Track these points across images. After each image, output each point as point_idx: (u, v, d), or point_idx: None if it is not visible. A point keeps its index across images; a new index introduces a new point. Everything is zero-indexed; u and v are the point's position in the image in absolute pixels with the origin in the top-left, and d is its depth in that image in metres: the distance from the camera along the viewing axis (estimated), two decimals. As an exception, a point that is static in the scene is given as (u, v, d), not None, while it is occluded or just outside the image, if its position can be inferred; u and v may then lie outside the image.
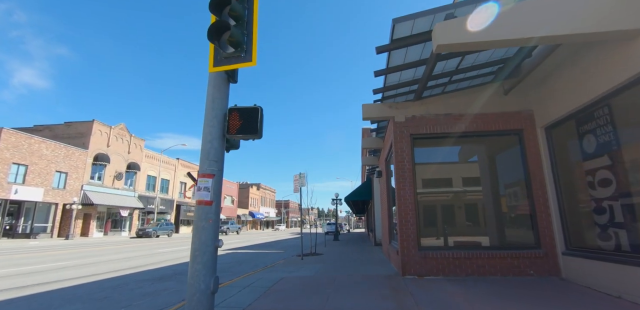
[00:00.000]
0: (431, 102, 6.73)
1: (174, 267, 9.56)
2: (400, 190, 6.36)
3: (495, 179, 6.59)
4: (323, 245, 17.14)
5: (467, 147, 6.92)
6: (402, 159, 6.49)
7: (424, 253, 6.02)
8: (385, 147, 9.13)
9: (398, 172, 6.45)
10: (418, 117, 6.70)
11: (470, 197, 6.66)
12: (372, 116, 6.81)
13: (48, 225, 28.07)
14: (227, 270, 8.87)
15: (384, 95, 6.62)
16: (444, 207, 6.55)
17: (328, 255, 11.58)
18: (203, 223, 3.70)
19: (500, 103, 6.53)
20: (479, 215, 6.48)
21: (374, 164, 12.15)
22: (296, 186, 10.58)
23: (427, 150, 6.83)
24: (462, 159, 6.96)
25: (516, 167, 6.41)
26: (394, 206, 8.80)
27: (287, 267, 8.56)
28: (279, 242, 22.44)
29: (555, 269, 5.76)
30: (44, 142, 27.61)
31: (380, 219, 15.38)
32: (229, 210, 59.12)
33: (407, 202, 6.29)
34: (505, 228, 6.35)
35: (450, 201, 6.63)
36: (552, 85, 5.78)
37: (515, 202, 6.37)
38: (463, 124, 6.51)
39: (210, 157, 3.86)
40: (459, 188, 6.73)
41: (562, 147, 5.91)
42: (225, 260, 11.29)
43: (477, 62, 5.96)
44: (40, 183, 26.99)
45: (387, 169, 9.43)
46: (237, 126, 3.97)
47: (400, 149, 6.54)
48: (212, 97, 4.04)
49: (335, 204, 23.16)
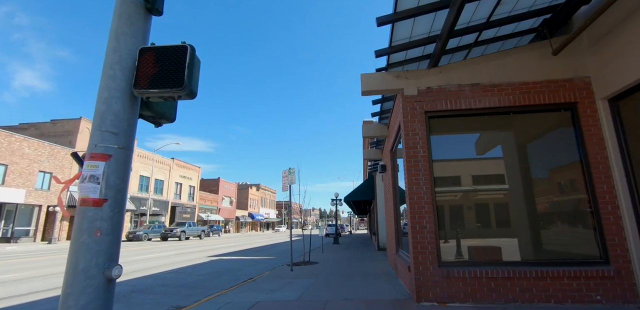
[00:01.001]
0: (452, 69, 5.11)
1: (137, 281, 7.95)
2: (413, 185, 4.74)
3: (528, 172, 4.92)
4: (320, 250, 15.51)
5: (487, 136, 5.19)
6: (414, 144, 4.87)
7: (446, 271, 4.40)
8: (390, 133, 7.51)
9: (409, 162, 4.83)
10: (435, 89, 5.08)
11: (499, 195, 5.01)
12: (374, 89, 5.20)
13: (31, 228, 26.52)
14: (197, 285, 7.26)
15: (389, 60, 5.01)
16: (471, 209, 4.91)
17: (324, 264, 9.95)
18: (85, 237, 2.11)
19: (546, 68, 4.91)
20: (519, 220, 4.83)
21: (377, 158, 10.53)
22: (285, 184, 8.97)
23: (445, 139, 5.18)
24: (481, 150, 5.24)
25: (560, 154, 4.78)
26: (402, 206, 7.16)
27: (270, 282, 6.95)
28: (275, 246, 20.82)
29: (631, 294, 4.13)
30: (26, 140, 26.10)
31: (384, 221, 13.74)
32: (227, 211, 57.53)
33: (422, 202, 4.67)
34: (555, 236, 4.71)
35: (478, 200, 4.99)
36: (619, 42, 4.16)
37: (564, 202, 4.73)
38: (495, 98, 4.89)
39: (106, 126, 2.26)
40: (488, 185, 5.09)
41: (635, 125, 4.29)
42: (202, 270, 9.68)
43: (515, 10, 4.35)
44: (22, 184, 25.47)
45: (392, 162, 7.81)
46: (150, 74, 2.37)
47: (411, 131, 4.92)
48: (116, 33, 2.44)
49: (335, 205, 21.52)
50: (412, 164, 4.81)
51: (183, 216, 45.30)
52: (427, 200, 4.66)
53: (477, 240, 4.80)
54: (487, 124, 5.14)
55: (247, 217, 65.00)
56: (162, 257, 14.04)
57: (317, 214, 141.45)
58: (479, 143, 5.20)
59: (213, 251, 17.22)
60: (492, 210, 4.89)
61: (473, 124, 5.16)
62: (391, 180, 7.84)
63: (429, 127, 4.99)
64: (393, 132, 6.77)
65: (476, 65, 5.08)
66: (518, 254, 4.63)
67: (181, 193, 45.62)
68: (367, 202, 21.05)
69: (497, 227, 4.84)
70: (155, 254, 15.61)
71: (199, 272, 9.30)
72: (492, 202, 4.92)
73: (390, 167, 7.90)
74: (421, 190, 4.70)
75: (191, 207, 47.25)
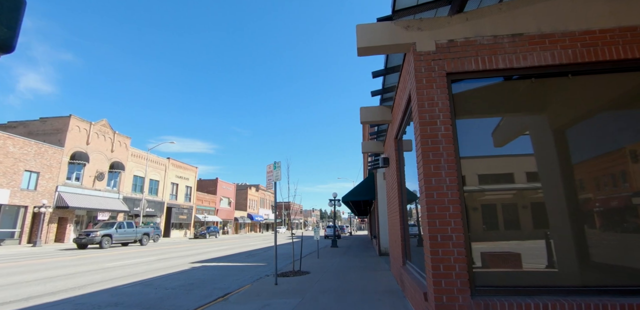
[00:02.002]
0: (484, 15, 3.67)
1: (87, 298, 6.53)
2: (431, 177, 3.30)
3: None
4: (316, 255, 14.05)
5: (510, 121, 3.65)
6: (432, 118, 3.43)
7: (484, 301, 2.95)
8: (395, 117, 6.05)
9: (425, 144, 3.39)
10: (460, 42, 3.63)
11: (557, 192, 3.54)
12: (375, 44, 3.75)
13: (16, 230, 25.21)
14: (156, 304, 5.83)
15: (396, 5, 3.59)
16: (518, 211, 3.45)
17: (316, 274, 8.51)
18: None
19: (619, 12, 3.46)
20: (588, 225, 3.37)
21: (378, 151, 9.08)
22: (269, 181, 7.54)
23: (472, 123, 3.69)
24: (501, 140, 3.62)
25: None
26: (410, 206, 5.72)
27: (243, 303, 5.51)
28: (269, 250, 19.36)
29: None
30: (11, 138, 24.83)
31: (386, 223, 12.29)
32: (225, 212, 56.14)
33: (445, 201, 3.23)
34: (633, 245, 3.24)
35: (533, 199, 3.52)
36: None
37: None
38: (547, 53, 3.44)
39: None
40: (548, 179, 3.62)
41: None
42: (174, 282, 8.25)
43: None
44: (6, 184, 24.18)
45: (397, 153, 6.36)
46: None
47: (428, 100, 3.48)
48: None
49: (334, 205, 20.05)
50: (429, 146, 3.37)
51: (179, 217, 43.98)
52: (452, 198, 3.21)
53: (531, 258, 3.34)
54: (531, 94, 3.68)
55: (246, 218, 63.58)
56: (140, 263, 12.62)
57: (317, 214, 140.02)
58: (499, 131, 3.69)
59: (200, 256, 15.80)
60: (552, 213, 3.43)
61: (512, 91, 3.71)
62: (396, 175, 6.39)
63: (452, 93, 3.54)
64: (399, 113, 5.32)
65: (517, 9, 3.63)
66: (593, 273, 3.16)
67: (177, 194, 44.32)
68: (367, 202, 19.58)
69: (561, 240, 3.37)
70: (136, 259, 14.20)
71: (169, 285, 7.87)
72: (551, 202, 3.45)
73: (395, 160, 6.45)
74: (443, 184, 3.25)
75: (188, 208, 45.94)
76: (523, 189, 3.48)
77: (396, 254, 6.77)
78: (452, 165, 3.28)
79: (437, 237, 3.17)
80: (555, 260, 3.27)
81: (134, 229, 24.99)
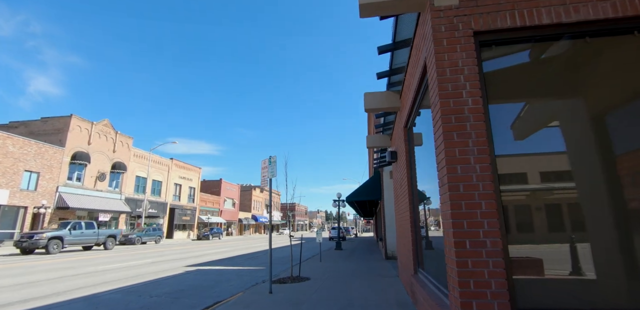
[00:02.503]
0: (520, -40, 2.89)
1: (61, 306, 5.84)
2: (456, 165, 2.52)
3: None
4: (318, 258, 13.26)
5: (535, 109, 2.81)
6: (455, 89, 2.65)
7: (529, 332, 2.16)
8: (405, 101, 5.25)
9: (448, 122, 2.61)
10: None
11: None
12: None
13: (15, 231, 24.84)
14: (131, 319, 5.12)
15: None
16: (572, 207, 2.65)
17: (316, 281, 7.73)
18: None
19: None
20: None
21: (384, 145, 8.29)
22: (264, 177, 6.78)
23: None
24: (521, 133, 2.74)
25: None
26: (421, 206, 4.92)
27: (231, 317, 4.77)
28: (270, 252, 18.60)
29: None
30: (10, 137, 24.53)
31: (393, 225, 11.48)
32: (230, 213, 55.61)
33: (475, 196, 2.45)
34: None
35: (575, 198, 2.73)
36: None
37: None
38: (606, 3, 2.65)
39: None
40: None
41: None
42: (163, 288, 7.53)
43: None
44: (5, 184, 23.85)
45: (407, 145, 5.57)
46: None
47: (450, 67, 2.71)
48: None
49: (338, 206, 19.26)
50: (452, 125, 2.59)
51: (183, 218, 43.51)
52: (484, 191, 2.43)
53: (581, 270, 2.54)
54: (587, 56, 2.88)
55: (251, 219, 62.96)
56: (132, 266, 11.96)
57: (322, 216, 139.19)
58: (520, 121, 2.87)
59: (198, 258, 15.11)
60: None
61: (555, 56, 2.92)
62: (406, 170, 5.60)
63: (481, 57, 2.76)
64: (409, 96, 4.53)
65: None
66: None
67: (180, 194, 43.88)
68: (372, 203, 18.75)
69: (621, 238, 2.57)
70: (129, 262, 13.56)
71: (156, 292, 7.16)
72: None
73: (405, 152, 5.66)
74: (472, 174, 2.48)
75: (191, 209, 45.48)
76: (564, 188, 2.68)
77: (406, 259, 5.96)
78: (484, 148, 2.50)
79: (465, 244, 2.39)
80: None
81: (95, 230, 20.97)
